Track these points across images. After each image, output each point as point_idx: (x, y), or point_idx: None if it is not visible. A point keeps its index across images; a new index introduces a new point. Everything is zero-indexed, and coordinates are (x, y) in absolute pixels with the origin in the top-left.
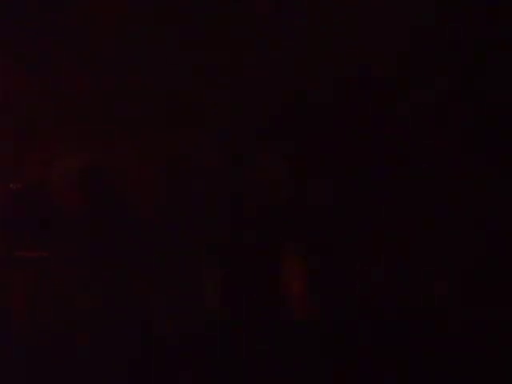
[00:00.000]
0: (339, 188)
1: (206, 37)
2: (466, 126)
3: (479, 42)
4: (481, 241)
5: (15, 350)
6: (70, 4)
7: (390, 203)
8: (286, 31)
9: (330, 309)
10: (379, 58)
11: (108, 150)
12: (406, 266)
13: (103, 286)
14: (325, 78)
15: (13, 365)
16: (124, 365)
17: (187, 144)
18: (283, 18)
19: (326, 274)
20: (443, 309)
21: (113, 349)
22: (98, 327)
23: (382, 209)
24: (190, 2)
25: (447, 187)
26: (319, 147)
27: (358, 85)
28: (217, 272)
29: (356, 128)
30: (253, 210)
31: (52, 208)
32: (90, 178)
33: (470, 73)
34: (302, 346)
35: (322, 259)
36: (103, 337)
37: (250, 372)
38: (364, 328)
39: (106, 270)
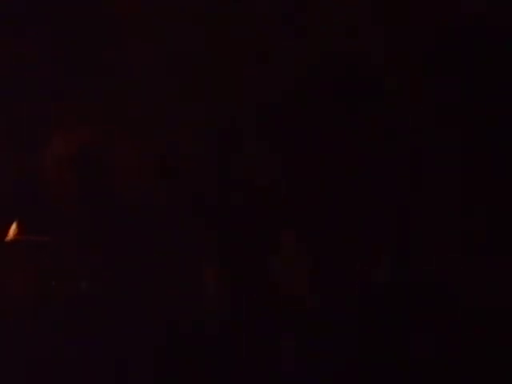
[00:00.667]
0: (338, 185)
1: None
2: (465, 125)
3: (479, 41)
4: (481, 239)
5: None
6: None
7: (388, 200)
8: (285, 31)
9: (331, 305)
10: (378, 56)
11: (107, 139)
12: (406, 262)
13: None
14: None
15: (15, 350)
16: (123, 363)
17: (185, 138)
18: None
19: (325, 271)
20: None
21: (111, 345)
22: (97, 316)
23: (381, 205)
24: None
25: (445, 185)
26: (318, 145)
27: (357, 83)
28: (215, 268)
29: (354, 125)
30: (251, 205)
31: (52, 193)
32: (88, 166)
33: (469, 72)
34: (302, 344)
35: (321, 255)
36: (102, 326)
37: (249, 371)
38: (364, 324)
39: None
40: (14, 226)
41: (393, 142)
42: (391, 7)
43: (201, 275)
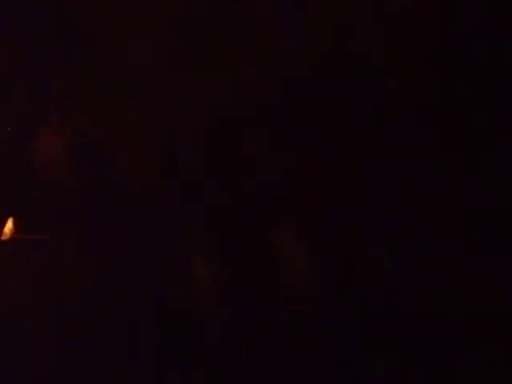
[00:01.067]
0: (338, 184)
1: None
2: (465, 125)
3: (478, 41)
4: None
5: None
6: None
7: (389, 200)
8: (285, 31)
9: (331, 305)
10: (378, 56)
11: (106, 138)
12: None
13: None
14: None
15: (15, 345)
16: (123, 363)
17: (185, 138)
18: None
19: (325, 270)
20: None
21: (111, 344)
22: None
23: (381, 205)
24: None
25: (445, 185)
26: (318, 145)
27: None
28: (215, 267)
29: (354, 125)
30: (251, 205)
31: (52, 193)
32: (88, 166)
33: (469, 72)
34: (302, 343)
35: (321, 255)
36: (101, 325)
37: (249, 371)
38: (364, 324)
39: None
40: (9, 224)
41: (393, 142)
42: (391, 7)
43: (201, 275)
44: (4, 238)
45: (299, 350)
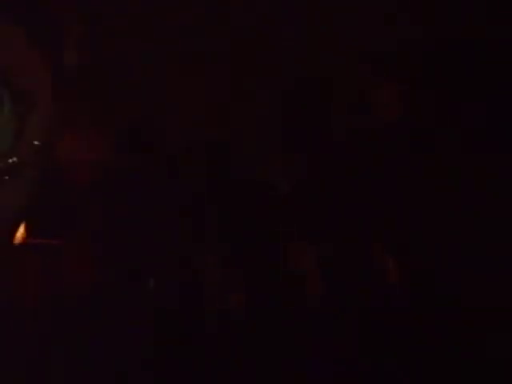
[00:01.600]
0: (339, 185)
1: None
2: (465, 125)
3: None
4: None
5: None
6: None
7: (389, 200)
8: (285, 31)
9: (332, 306)
10: (378, 56)
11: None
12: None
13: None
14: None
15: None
16: (123, 363)
17: (186, 138)
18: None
19: (327, 271)
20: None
21: (111, 344)
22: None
23: (381, 205)
24: None
25: (446, 185)
26: (319, 145)
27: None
28: (217, 268)
29: (354, 125)
30: (252, 206)
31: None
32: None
33: (469, 73)
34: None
35: (322, 255)
36: (101, 325)
37: (249, 371)
38: (363, 316)
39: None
40: (20, 229)
41: (393, 142)
42: (391, 7)
43: (202, 275)
44: (15, 242)
45: (299, 350)
